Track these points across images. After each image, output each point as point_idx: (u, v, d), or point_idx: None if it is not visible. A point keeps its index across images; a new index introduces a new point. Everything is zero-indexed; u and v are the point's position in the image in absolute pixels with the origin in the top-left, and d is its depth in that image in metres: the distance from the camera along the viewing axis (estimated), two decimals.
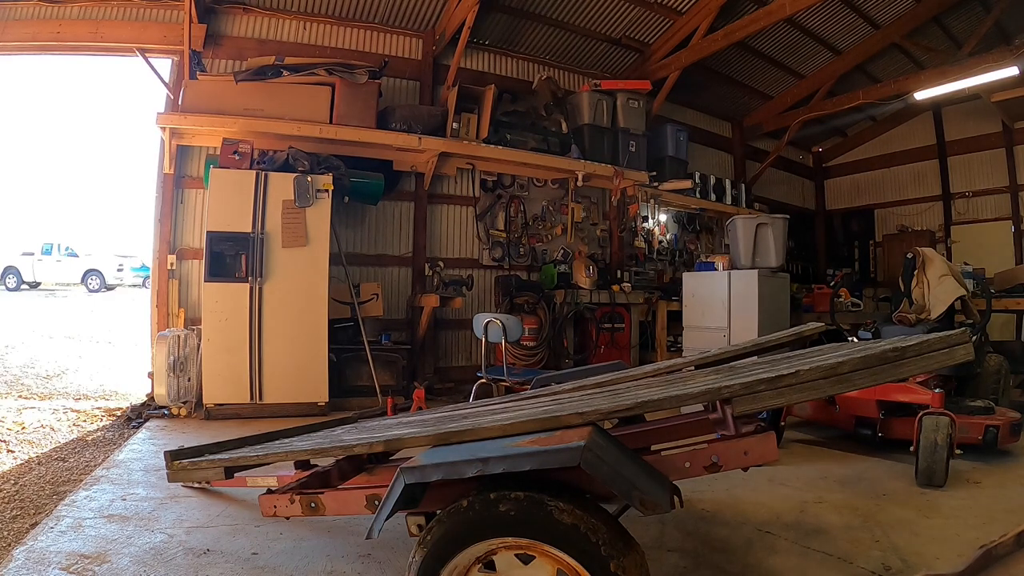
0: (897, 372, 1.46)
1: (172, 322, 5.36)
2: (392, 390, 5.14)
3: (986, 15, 6.94)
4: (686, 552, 2.31)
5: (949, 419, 3.07)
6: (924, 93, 7.10)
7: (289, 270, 4.81)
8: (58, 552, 2.21)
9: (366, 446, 1.93)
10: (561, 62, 7.38)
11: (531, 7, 6.44)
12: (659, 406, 1.53)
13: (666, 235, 8.13)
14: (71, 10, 5.17)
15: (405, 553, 1.62)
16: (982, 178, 8.76)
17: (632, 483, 1.36)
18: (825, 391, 1.44)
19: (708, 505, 2.81)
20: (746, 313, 5.70)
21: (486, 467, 1.40)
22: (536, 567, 1.47)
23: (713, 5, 6.42)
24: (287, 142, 5.26)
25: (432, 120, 5.86)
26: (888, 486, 3.07)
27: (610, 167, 6.80)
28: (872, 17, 7.07)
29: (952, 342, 1.45)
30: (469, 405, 2.73)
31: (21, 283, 16.43)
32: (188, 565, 2.14)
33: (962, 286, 4.37)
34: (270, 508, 2.15)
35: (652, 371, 2.50)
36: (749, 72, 8.08)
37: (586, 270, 6.64)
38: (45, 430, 4.30)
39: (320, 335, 4.88)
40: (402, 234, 6.37)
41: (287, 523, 2.51)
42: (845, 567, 2.17)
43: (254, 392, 4.69)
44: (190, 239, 5.53)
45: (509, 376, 4.13)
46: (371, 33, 6.29)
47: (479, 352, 4.79)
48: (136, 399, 5.38)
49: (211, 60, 5.60)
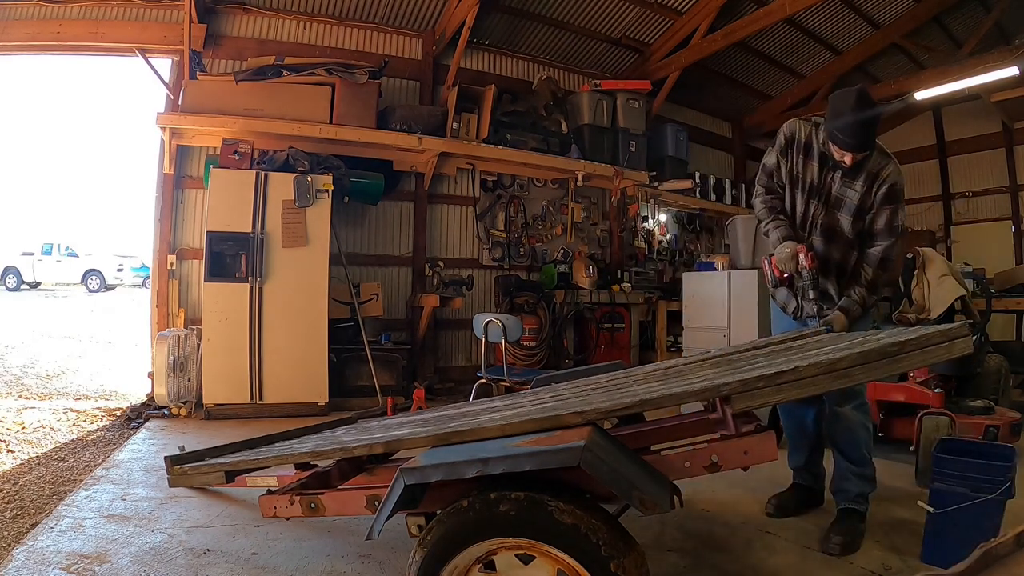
0: (896, 367, 1.45)
1: (172, 322, 5.36)
2: (392, 390, 5.14)
3: (986, 15, 6.93)
4: (686, 552, 2.31)
5: (949, 419, 3.07)
6: (924, 93, 7.09)
7: (289, 270, 4.81)
8: (58, 552, 2.21)
9: (366, 447, 1.93)
10: (561, 62, 7.38)
11: (531, 7, 6.44)
12: (658, 404, 1.53)
13: (666, 235, 8.12)
14: (71, 10, 5.16)
15: (405, 553, 1.62)
16: (982, 178, 8.75)
17: (632, 483, 1.36)
18: (825, 387, 1.44)
19: (708, 505, 2.81)
20: (746, 313, 5.70)
21: (486, 467, 1.40)
22: (536, 567, 1.47)
23: (713, 5, 6.42)
24: (287, 142, 5.25)
25: (432, 120, 5.86)
26: (888, 486, 3.06)
27: (610, 167, 6.80)
28: (872, 17, 7.06)
29: (951, 336, 1.45)
30: (469, 405, 2.73)
31: (21, 283, 16.44)
32: (188, 565, 2.15)
33: (962, 286, 4.36)
34: (270, 508, 2.15)
35: (652, 371, 2.50)
36: (749, 72, 8.07)
37: (586, 270, 6.64)
38: (45, 430, 4.30)
39: (320, 335, 4.88)
40: (402, 234, 6.36)
41: (287, 523, 2.51)
42: (845, 567, 2.17)
43: (254, 392, 4.69)
44: (190, 239, 5.52)
45: (509, 376, 4.13)
46: (371, 33, 6.29)
47: (479, 352, 4.79)
48: (136, 399, 5.38)
49: (211, 60, 5.59)
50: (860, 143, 2.32)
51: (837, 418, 2.51)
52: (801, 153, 2.55)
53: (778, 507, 2.67)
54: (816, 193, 2.54)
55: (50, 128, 47.31)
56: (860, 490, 2.45)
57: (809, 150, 2.53)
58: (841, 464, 2.51)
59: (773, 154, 2.66)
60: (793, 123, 2.60)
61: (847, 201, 2.48)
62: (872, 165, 2.42)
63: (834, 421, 2.53)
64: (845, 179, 2.47)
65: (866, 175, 2.43)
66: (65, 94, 48.06)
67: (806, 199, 2.58)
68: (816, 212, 2.56)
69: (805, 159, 2.55)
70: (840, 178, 2.48)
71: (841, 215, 2.51)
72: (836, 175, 2.48)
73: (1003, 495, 2.04)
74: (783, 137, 2.61)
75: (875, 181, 2.43)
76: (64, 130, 49.33)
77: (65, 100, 48.71)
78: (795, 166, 2.58)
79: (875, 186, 2.43)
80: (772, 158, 2.67)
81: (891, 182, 2.41)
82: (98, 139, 52.90)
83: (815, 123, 2.52)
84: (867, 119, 2.28)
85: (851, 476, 2.47)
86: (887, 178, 2.41)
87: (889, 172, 2.42)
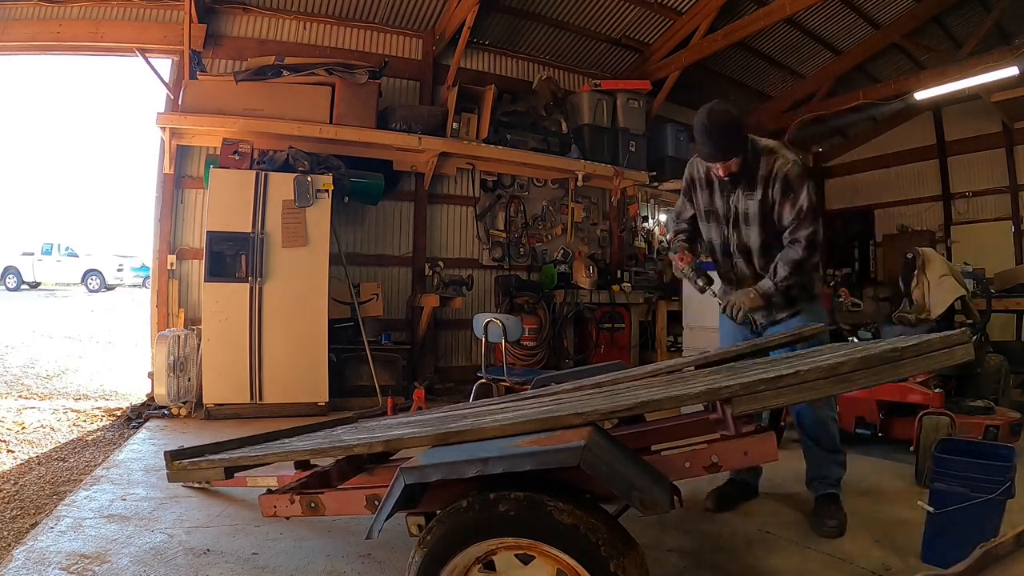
0: (897, 372, 1.45)
1: (172, 322, 5.36)
2: (392, 390, 5.13)
3: (986, 15, 6.93)
4: (686, 552, 2.31)
5: (949, 419, 3.07)
6: (924, 93, 7.08)
7: (289, 270, 4.81)
8: (58, 552, 2.21)
9: (366, 446, 1.93)
10: (561, 62, 7.38)
11: (531, 7, 6.44)
12: (659, 406, 1.53)
13: (666, 235, 8.12)
14: (71, 10, 5.16)
15: (405, 553, 1.62)
16: (982, 178, 8.74)
17: (632, 483, 1.36)
18: (825, 391, 1.44)
19: None
20: None
21: (486, 467, 1.40)
22: (536, 567, 1.47)
23: (713, 5, 6.42)
24: (287, 142, 5.25)
25: (432, 120, 5.86)
26: (888, 486, 3.07)
27: (610, 167, 6.80)
28: (872, 17, 7.06)
29: (952, 342, 1.45)
30: (469, 405, 2.73)
31: (21, 283, 16.44)
32: (188, 565, 2.15)
33: (962, 286, 4.37)
34: (270, 508, 2.15)
35: (652, 371, 2.50)
36: (749, 72, 8.07)
37: (586, 270, 6.64)
38: (45, 430, 4.30)
39: (320, 335, 4.88)
40: (402, 234, 6.36)
41: (287, 523, 2.51)
42: (845, 567, 2.17)
43: (254, 392, 4.69)
44: (190, 239, 5.53)
45: (509, 376, 4.12)
46: (371, 33, 6.29)
47: (479, 352, 4.79)
48: (136, 399, 5.39)
49: (211, 60, 5.59)
50: (716, 150, 2.42)
51: (809, 414, 2.61)
52: (704, 188, 2.69)
53: (718, 501, 2.75)
54: (726, 219, 2.64)
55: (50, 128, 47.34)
56: (838, 475, 2.63)
57: (710, 183, 2.66)
58: (818, 454, 2.65)
59: (680, 199, 2.84)
60: (690, 165, 2.75)
61: (750, 214, 2.55)
62: (763, 168, 2.47)
63: (806, 417, 2.64)
64: (746, 193, 2.54)
65: (760, 180, 2.49)
66: (65, 94, 48.09)
67: (720, 228, 2.68)
68: (730, 236, 2.66)
69: (709, 192, 2.68)
70: (742, 195, 2.55)
71: (751, 229, 2.58)
72: (738, 195, 2.56)
73: (1003, 495, 2.04)
74: (685, 181, 2.78)
75: (768, 181, 2.47)
76: (64, 130, 49.36)
77: (65, 100, 48.74)
78: (700, 202, 2.72)
79: (770, 186, 2.48)
80: (680, 202, 2.85)
81: (782, 174, 2.44)
82: (98, 139, 52.96)
83: None
84: (716, 126, 2.39)
85: (829, 464, 2.63)
86: (777, 172, 2.45)
87: (778, 166, 2.45)
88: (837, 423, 2.70)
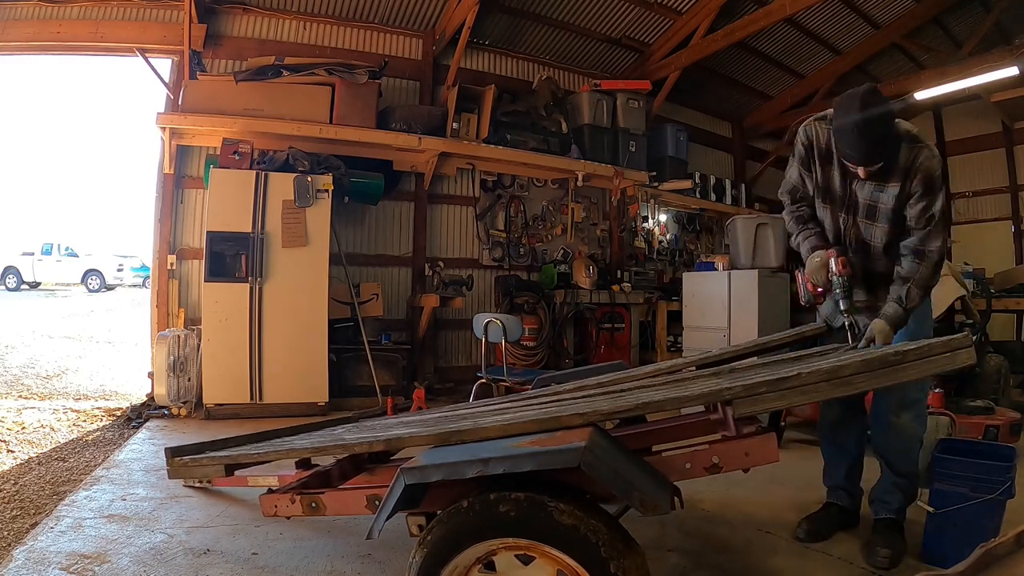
0: (898, 376, 1.46)
1: (172, 322, 5.36)
2: (392, 390, 5.13)
3: (986, 15, 6.93)
4: (686, 552, 2.31)
5: (949, 419, 3.06)
6: (924, 93, 7.09)
7: (289, 270, 4.80)
8: (58, 552, 2.21)
9: (366, 445, 1.93)
10: (561, 62, 7.38)
11: (531, 7, 6.44)
12: (660, 407, 1.53)
13: (666, 235, 8.12)
14: (71, 10, 5.16)
15: (405, 553, 1.62)
16: (982, 178, 8.75)
17: (632, 484, 1.36)
18: (827, 394, 1.44)
19: (708, 505, 2.81)
20: (746, 313, 5.70)
21: (487, 468, 1.40)
22: (536, 568, 1.47)
23: (713, 5, 6.42)
24: (287, 142, 5.25)
25: (432, 120, 5.86)
26: None
27: (610, 167, 6.79)
28: (872, 17, 7.06)
29: (954, 346, 1.45)
30: (469, 405, 2.73)
31: (21, 283, 16.44)
32: (188, 565, 2.15)
33: (962, 286, 4.37)
34: (271, 508, 2.15)
35: (653, 371, 2.50)
36: (749, 72, 8.07)
37: (586, 270, 6.64)
38: (45, 430, 4.30)
39: (320, 335, 4.88)
40: (402, 234, 6.36)
41: (287, 523, 2.51)
42: (845, 567, 2.17)
43: (254, 392, 4.69)
44: (190, 239, 5.52)
45: (509, 376, 4.13)
46: (371, 33, 6.29)
47: (479, 352, 4.79)
48: (136, 399, 5.39)
49: (211, 60, 5.59)
50: (867, 155, 2.02)
51: (891, 428, 2.25)
52: (824, 161, 2.24)
53: (810, 531, 2.36)
54: (842, 204, 2.24)
55: (50, 128, 47.33)
56: (903, 503, 2.28)
57: (829, 156, 2.21)
58: (888, 476, 2.31)
59: (794, 165, 2.37)
60: (809, 127, 2.27)
61: (881, 207, 2.15)
62: (904, 158, 2.07)
63: (886, 431, 2.27)
64: (876, 184, 2.13)
65: (899, 171, 2.09)
66: (65, 94, 48.08)
67: (835, 214, 2.28)
68: (848, 227, 2.26)
69: (828, 167, 2.24)
70: (870, 184, 2.15)
71: (876, 225, 2.19)
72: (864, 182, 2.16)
73: (1003, 495, 2.04)
74: (800, 145, 2.30)
75: (908, 174, 2.08)
76: (64, 130, 49.35)
77: (65, 100, 48.73)
78: (818, 175, 2.28)
79: (909, 180, 2.08)
80: (794, 171, 2.39)
81: (924, 171, 2.06)
82: (98, 139, 52.96)
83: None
84: (871, 126, 1.96)
85: (897, 489, 2.28)
86: (920, 167, 2.06)
87: (923, 158, 2.06)
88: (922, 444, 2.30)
